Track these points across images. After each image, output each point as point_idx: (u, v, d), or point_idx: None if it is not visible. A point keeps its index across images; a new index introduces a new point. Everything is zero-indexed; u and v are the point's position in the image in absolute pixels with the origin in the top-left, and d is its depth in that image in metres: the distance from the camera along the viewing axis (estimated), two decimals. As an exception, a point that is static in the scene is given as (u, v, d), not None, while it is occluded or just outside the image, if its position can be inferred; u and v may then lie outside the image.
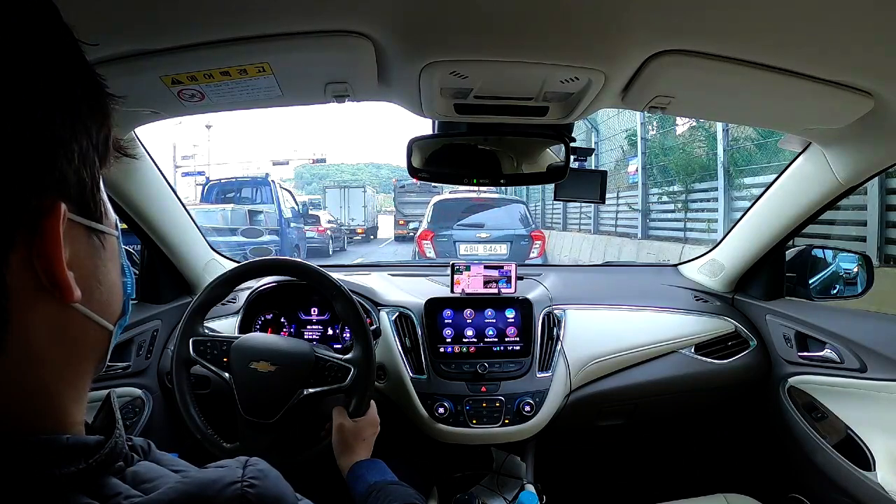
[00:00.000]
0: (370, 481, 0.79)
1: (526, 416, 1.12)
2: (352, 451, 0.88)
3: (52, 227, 0.27)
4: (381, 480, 0.79)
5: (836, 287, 1.29)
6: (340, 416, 0.91)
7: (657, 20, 0.59)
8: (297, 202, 10.06)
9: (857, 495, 1.04)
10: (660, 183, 7.21)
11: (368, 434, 0.91)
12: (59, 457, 0.27)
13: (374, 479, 0.79)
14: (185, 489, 0.29)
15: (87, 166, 0.30)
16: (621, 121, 8.27)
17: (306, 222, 10.64)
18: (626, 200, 8.07)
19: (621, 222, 8.27)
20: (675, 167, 6.76)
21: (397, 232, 16.20)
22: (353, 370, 0.92)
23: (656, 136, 7.42)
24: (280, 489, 0.33)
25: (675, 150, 6.95)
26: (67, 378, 0.30)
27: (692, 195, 6.51)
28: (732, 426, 1.45)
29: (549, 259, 7.06)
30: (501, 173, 0.98)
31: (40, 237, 0.26)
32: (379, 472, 0.82)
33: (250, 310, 1.23)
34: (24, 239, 0.26)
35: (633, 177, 7.87)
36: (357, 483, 0.81)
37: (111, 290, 0.33)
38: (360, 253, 12.99)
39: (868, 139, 0.92)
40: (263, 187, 9.04)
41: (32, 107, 0.26)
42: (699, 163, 6.44)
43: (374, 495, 0.75)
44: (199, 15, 0.57)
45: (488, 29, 0.61)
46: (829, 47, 0.64)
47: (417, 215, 15.76)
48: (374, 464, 0.85)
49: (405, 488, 0.76)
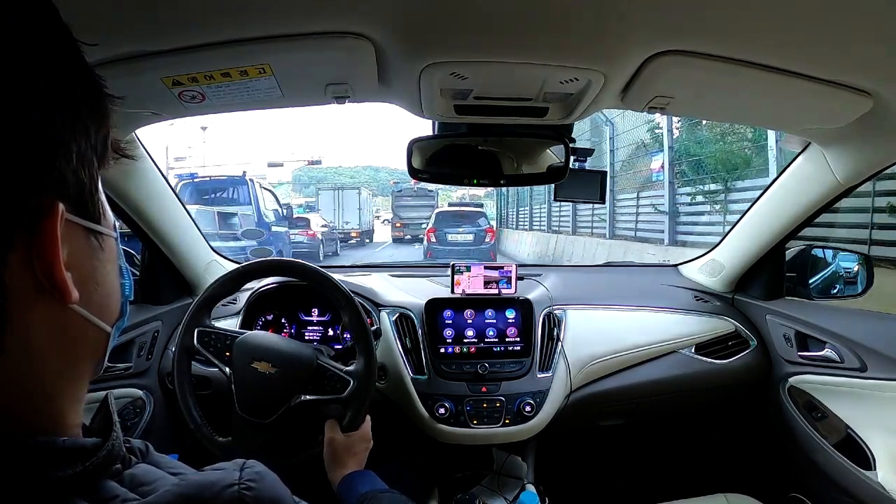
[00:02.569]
0: (360, 491, 0.78)
1: (526, 417, 1.12)
2: (342, 465, 0.87)
3: (50, 227, 0.27)
4: (371, 490, 0.78)
5: (837, 287, 1.29)
6: (332, 430, 0.90)
7: (657, 20, 0.59)
8: (279, 203, 9.40)
9: (857, 495, 1.04)
10: (693, 181, 6.41)
11: (360, 449, 0.91)
12: (56, 459, 0.27)
13: (365, 489, 0.79)
14: (181, 492, 0.29)
15: (86, 167, 0.29)
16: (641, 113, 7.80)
17: (293, 225, 9.96)
18: (649, 200, 7.27)
19: (642, 225, 7.52)
20: (713, 162, 5.96)
21: (395, 234, 16.92)
22: (352, 383, 0.92)
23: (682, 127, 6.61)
24: (278, 492, 0.33)
25: (712, 141, 6.13)
26: (66, 379, 0.30)
27: (732, 194, 5.77)
28: (733, 426, 1.45)
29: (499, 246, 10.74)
30: (501, 174, 0.98)
31: (39, 238, 0.26)
32: (369, 482, 0.82)
33: (251, 310, 1.23)
34: (23, 239, 0.26)
35: (657, 174, 7.16)
36: (348, 495, 0.80)
37: (109, 291, 0.33)
38: (355, 257, 12.72)
39: (868, 139, 0.92)
40: (241, 187, 8.32)
41: (32, 107, 0.26)
42: (743, 157, 5.68)
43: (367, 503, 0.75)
44: (199, 16, 0.57)
45: (488, 29, 0.61)
46: (829, 47, 0.64)
47: (414, 219, 16.29)
48: (365, 475, 0.84)
49: (397, 496, 0.76)
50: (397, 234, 16.83)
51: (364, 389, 0.92)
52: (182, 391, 0.95)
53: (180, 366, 0.96)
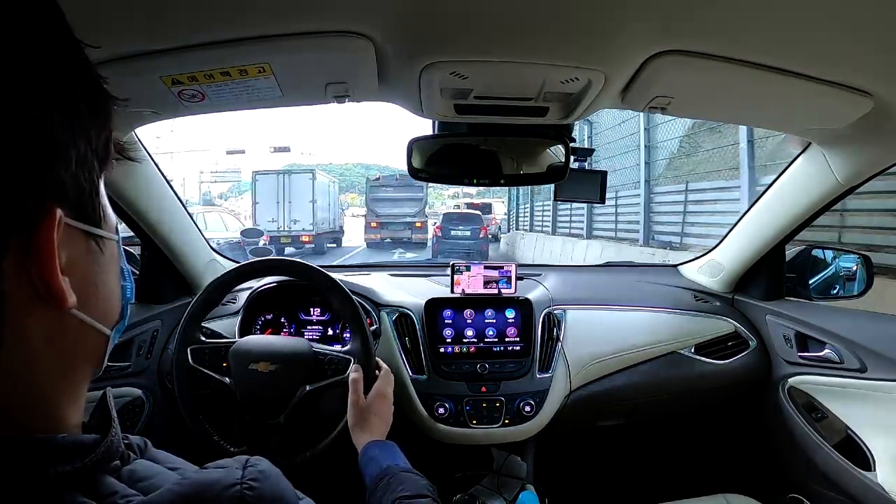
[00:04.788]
0: (383, 465, 0.77)
1: (526, 417, 1.12)
2: (365, 427, 0.86)
3: (46, 232, 0.26)
4: (393, 465, 0.77)
5: (836, 287, 1.29)
6: (354, 392, 0.90)
7: (657, 20, 0.59)
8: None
9: (857, 495, 1.04)
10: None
11: (378, 407, 0.89)
12: (54, 456, 0.27)
13: (387, 463, 0.77)
14: (181, 491, 0.29)
15: (86, 170, 0.29)
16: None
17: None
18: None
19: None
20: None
21: (369, 236, 13.06)
22: (352, 361, 0.93)
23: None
24: (280, 490, 0.33)
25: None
26: (64, 381, 0.30)
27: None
28: (732, 426, 1.45)
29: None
30: (501, 173, 0.98)
31: (35, 243, 0.26)
32: (391, 455, 0.80)
33: (250, 310, 1.23)
34: (19, 244, 0.26)
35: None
36: (370, 464, 0.79)
37: (109, 295, 0.33)
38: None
39: (868, 139, 0.92)
40: None
41: (29, 108, 0.25)
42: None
43: (386, 480, 0.73)
44: (199, 15, 0.57)
45: (489, 29, 0.61)
46: (829, 47, 0.64)
47: (396, 216, 12.69)
48: (386, 447, 0.83)
49: (418, 477, 0.74)
50: (372, 237, 13.00)
51: (365, 363, 0.93)
52: (190, 411, 0.94)
53: (182, 386, 0.95)
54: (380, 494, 0.71)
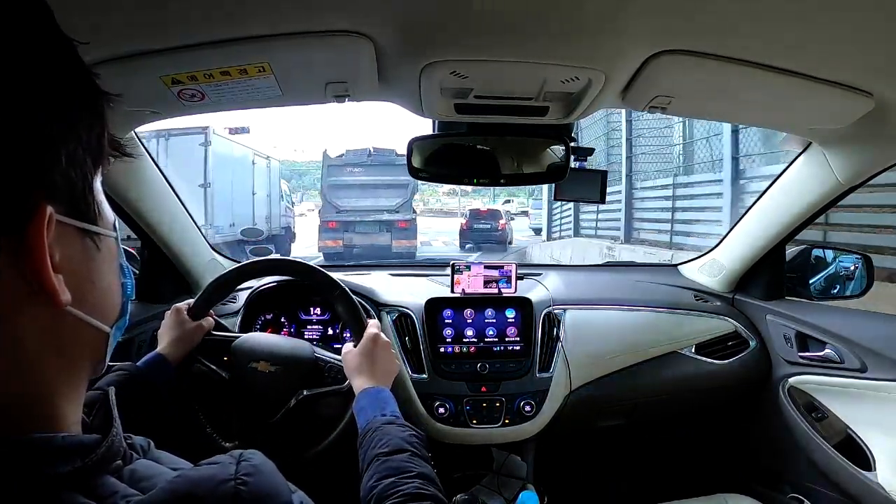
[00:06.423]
0: (369, 417, 0.73)
1: (526, 417, 1.11)
2: (363, 371, 0.82)
3: (36, 230, 0.26)
4: (378, 417, 0.72)
5: (837, 287, 1.29)
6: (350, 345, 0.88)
7: (657, 20, 0.59)
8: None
9: (857, 495, 1.04)
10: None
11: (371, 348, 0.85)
12: (54, 456, 0.27)
13: (373, 415, 0.73)
14: (176, 488, 0.29)
15: (77, 166, 0.29)
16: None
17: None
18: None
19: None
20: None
21: (324, 242, 8.50)
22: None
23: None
24: (274, 484, 0.32)
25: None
26: (62, 379, 0.30)
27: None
28: (732, 426, 1.45)
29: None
30: (501, 173, 0.98)
31: (25, 240, 0.26)
32: (378, 404, 0.75)
33: (250, 310, 1.23)
34: (10, 242, 0.26)
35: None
36: (360, 416, 0.75)
37: (107, 292, 0.33)
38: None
39: (868, 139, 0.92)
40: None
41: (16, 105, 0.25)
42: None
43: (370, 434, 0.69)
44: (199, 15, 0.57)
45: (489, 29, 0.61)
46: (830, 47, 0.64)
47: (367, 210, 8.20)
48: (374, 395, 0.78)
49: (400, 429, 0.69)
50: (329, 243, 8.40)
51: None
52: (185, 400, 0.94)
53: (181, 375, 0.94)
54: (365, 449, 0.68)
